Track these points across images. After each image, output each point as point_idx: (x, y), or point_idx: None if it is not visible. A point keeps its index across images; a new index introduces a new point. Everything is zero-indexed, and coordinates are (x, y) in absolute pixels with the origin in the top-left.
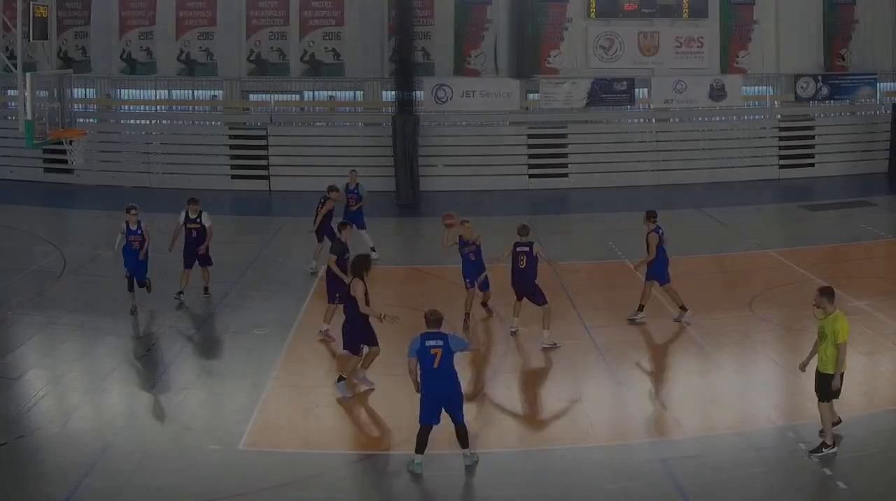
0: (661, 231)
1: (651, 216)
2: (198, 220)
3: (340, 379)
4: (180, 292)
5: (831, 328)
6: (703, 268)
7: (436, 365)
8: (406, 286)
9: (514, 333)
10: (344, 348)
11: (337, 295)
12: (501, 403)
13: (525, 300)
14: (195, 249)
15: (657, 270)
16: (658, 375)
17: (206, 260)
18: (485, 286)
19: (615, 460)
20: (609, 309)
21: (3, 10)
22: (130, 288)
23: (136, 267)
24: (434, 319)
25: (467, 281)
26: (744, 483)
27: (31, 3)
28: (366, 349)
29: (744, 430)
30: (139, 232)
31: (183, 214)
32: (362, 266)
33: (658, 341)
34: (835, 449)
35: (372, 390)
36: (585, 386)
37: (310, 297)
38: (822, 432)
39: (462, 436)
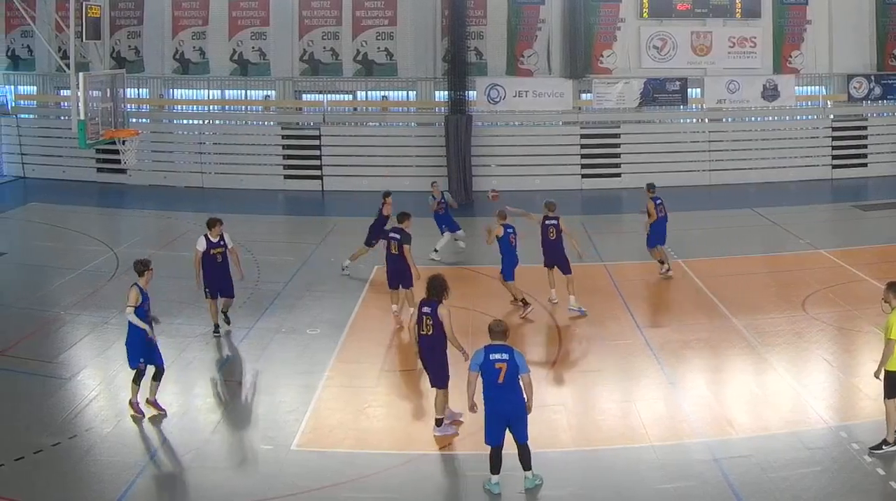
0: (659, 201)
1: (650, 187)
2: (221, 244)
3: (439, 422)
4: (217, 326)
5: (886, 323)
6: (756, 268)
7: (501, 380)
8: (458, 286)
9: (555, 303)
10: (433, 385)
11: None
12: (555, 403)
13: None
14: (222, 277)
15: (657, 234)
16: (710, 375)
17: (229, 290)
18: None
19: (668, 459)
20: (662, 309)
21: (56, 11)
22: (138, 381)
23: (154, 350)
24: (499, 330)
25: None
26: (796, 482)
27: (84, 3)
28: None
29: (796, 430)
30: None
31: (203, 240)
32: (444, 288)
33: (711, 341)
34: (895, 448)
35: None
36: (638, 386)
37: (363, 297)
38: None
39: (525, 457)
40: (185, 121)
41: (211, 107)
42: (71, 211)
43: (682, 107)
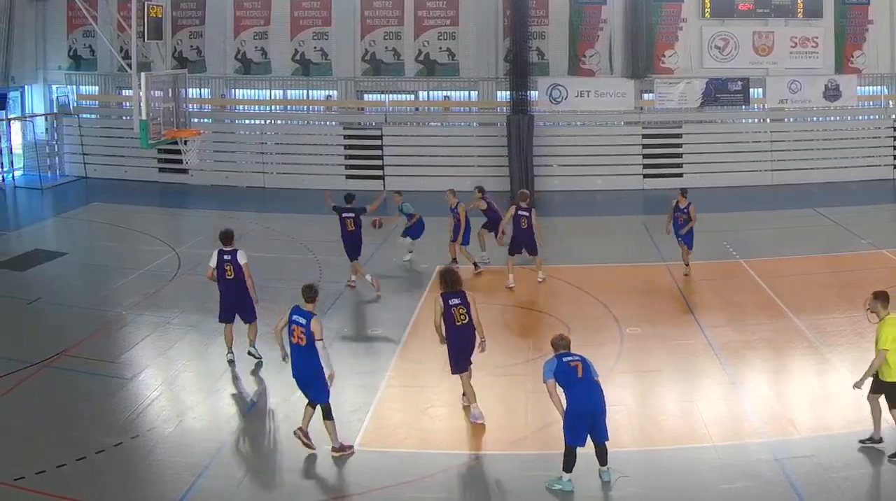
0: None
1: (686, 191)
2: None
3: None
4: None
5: (876, 333)
6: (818, 268)
7: (580, 375)
8: (519, 286)
9: (511, 288)
10: (462, 370)
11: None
12: (616, 403)
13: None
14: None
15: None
16: (772, 375)
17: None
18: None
19: (729, 459)
20: (724, 309)
21: (118, 11)
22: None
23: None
24: (564, 344)
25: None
26: (857, 483)
27: (146, 3)
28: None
29: (858, 430)
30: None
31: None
32: (461, 279)
33: (772, 341)
34: None
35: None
36: (700, 386)
37: (424, 297)
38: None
39: (604, 454)
40: (246, 122)
41: (273, 107)
42: (133, 211)
43: (743, 107)
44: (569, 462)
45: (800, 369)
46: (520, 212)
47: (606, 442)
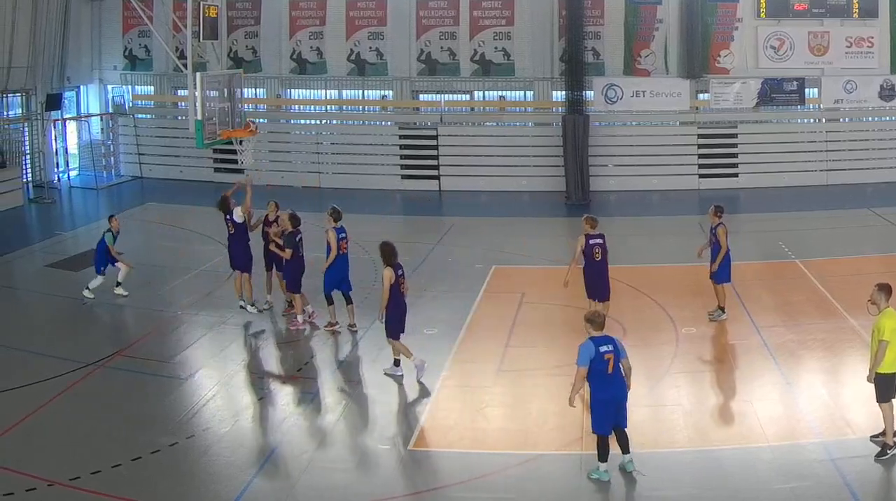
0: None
1: (719, 211)
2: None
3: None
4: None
5: (875, 325)
6: (873, 268)
7: (610, 370)
8: (574, 286)
9: None
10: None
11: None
12: (670, 403)
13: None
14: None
15: (723, 271)
16: (827, 375)
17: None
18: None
19: (785, 459)
20: (779, 309)
21: (173, 11)
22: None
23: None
24: (600, 321)
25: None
26: None
27: (202, 3)
28: None
29: None
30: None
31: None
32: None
33: (827, 341)
34: None
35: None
36: (755, 386)
37: (479, 297)
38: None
39: (625, 442)
40: (302, 122)
41: (328, 107)
42: (188, 210)
43: (799, 107)
44: (603, 452)
45: (855, 369)
46: (591, 242)
47: (626, 430)
